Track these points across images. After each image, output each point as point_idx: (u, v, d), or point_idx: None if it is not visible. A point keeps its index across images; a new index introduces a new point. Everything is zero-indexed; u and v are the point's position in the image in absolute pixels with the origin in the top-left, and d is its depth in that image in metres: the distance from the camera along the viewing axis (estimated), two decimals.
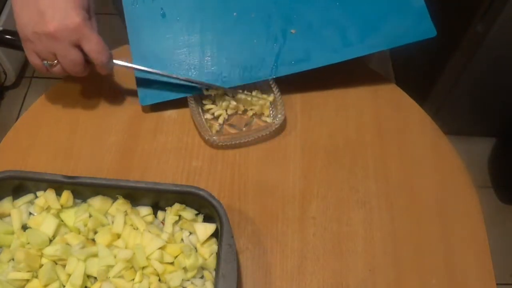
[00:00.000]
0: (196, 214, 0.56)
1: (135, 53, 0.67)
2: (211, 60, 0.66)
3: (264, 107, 0.68)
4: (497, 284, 0.56)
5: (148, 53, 0.67)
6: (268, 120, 0.68)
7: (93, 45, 0.57)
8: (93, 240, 0.54)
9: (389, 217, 0.61)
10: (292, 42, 0.66)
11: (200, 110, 0.68)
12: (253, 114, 0.69)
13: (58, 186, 0.55)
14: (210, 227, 0.54)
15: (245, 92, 0.68)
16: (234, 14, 0.67)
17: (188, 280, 0.53)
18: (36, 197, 0.57)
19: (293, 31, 0.66)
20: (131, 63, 0.65)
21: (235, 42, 0.67)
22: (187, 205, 0.56)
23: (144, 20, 0.67)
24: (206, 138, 0.65)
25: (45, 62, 0.58)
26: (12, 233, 0.55)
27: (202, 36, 0.67)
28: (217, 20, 0.67)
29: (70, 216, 0.55)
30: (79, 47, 0.57)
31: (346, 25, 0.66)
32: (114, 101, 0.70)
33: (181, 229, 0.56)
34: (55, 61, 0.58)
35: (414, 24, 0.65)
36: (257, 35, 0.67)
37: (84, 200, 0.57)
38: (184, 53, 0.67)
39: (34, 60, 0.58)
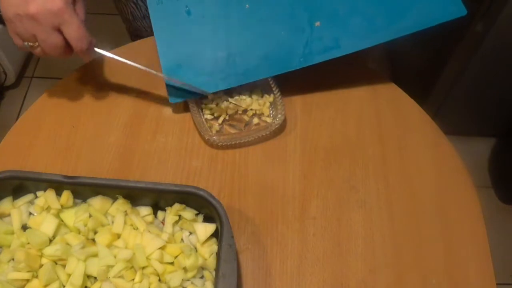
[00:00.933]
0: (196, 214, 0.56)
1: (162, 53, 0.66)
2: (239, 54, 0.66)
3: (264, 107, 0.68)
4: (497, 284, 0.56)
5: (175, 52, 0.67)
6: (268, 120, 0.68)
7: (73, 31, 0.57)
8: (93, 240, 0.54)
9: (389, 217, 0.61)
10: (319, 31, 0.66)
11: (200, 110, 0.68)
12: (253, 114, 0.69)
13: (58, 186, 0.55)
14: (210, 227, 0.54)
15: (245, 92, 0.68)
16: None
17: (188, 280, 0.53)
18: (36, 197, 0.57)
19: (317, 23, 0.66)
20: (159, 60, 0.65)
21: (262, 35, 0.66)
22: (187, 205, 0.56)
23: (169, 19, 0.67)
24: (206, 138, 0.65)
25: (26, 43, 0.58)
26: (12, 233, 0.55)
27: (228, 31, 0.67)
28: (243, 14, 0.67)
29: (70, 216, 0.55)
30: (60, 31, 0.57)
31: (373, 9, 0.65)
32: (114, 101, 0.70)
33: (181, 229, 0.56)
34: (36, 43, 0.58)
35: (443, 4, 0.64)
36: (284, 27, 0.66)
37: (84, 200, 0.57)
38: (211, 49, 0.66)
39: (16, 40, 0.59)
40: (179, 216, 0.56)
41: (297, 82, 0.68)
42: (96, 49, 0.61)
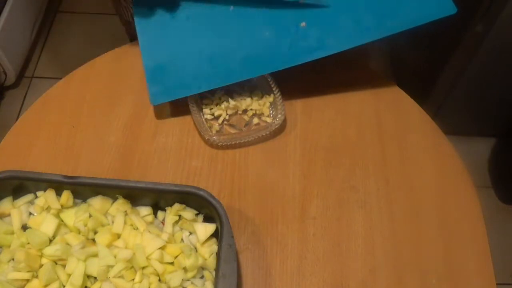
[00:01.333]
0: (196, 214, 0.56)
1: (145, 54, 0.67)
2: (222, 55, 0.66)
3: (264, 107, 0.68)
4: (497, 284, 0.56)
5: (158, 53, 0.67)
6: (268, 120, 0.68)
7: None
8: (93, 240, 0.54)
9: (389, 217, 0.61)
10: (305, 32, 0.65)
11: (200, 110, 0.68)
12: (253, 114, 0.69)
13: (58, 186, 0.55)
14: (210, 227, 0.54)
15: (245, 92, 0.68)
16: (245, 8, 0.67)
17: (188, 280, 0.53)
18: (36, 197, 0.57)
19: (303, 24, 0.65)
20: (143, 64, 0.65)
21: (246, 36, 0.66)
22: (187, 205, 0.56)
23: (154, 22, 0.67)
24: (206, 138, 0.65)
25: None
26: (12, 233, 0.55)
27: (212, 33, 0.66)
28: (227, 16, 0.67)
29: (70, 216, 0.55)
30: None
31: (360, 9, 0.65)
32: (114, 101, 0.70)
33: (181, 229, 0.56)
34: None
35: (433, 2, 0.63)
36: (269, 27, 0.66)
37: (84, 200, 0.57)
38: (195, 50, 0.66)
39: None
40: (179, 216, 0.56)
41: (297, 82, 0.68)
42: None
